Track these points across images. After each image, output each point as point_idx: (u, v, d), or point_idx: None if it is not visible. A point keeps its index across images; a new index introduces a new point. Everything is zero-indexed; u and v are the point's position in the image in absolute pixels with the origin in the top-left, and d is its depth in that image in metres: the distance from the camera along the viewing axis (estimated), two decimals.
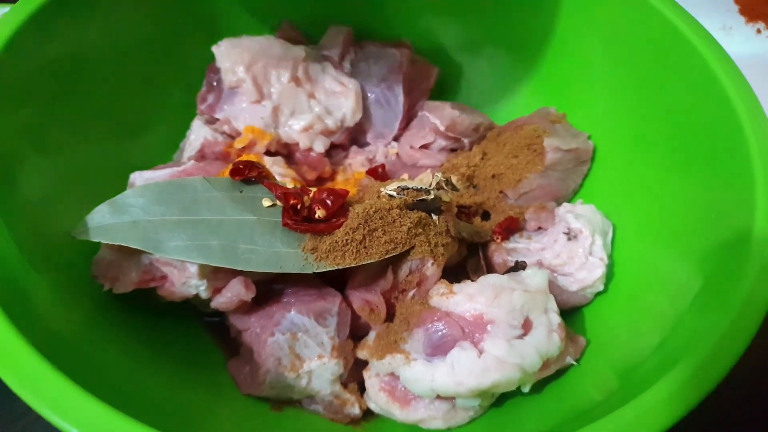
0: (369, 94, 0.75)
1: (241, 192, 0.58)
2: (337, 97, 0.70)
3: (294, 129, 0.68)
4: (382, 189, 0.59)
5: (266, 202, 0.57)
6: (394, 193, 0.58)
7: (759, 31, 1.09)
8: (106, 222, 0.55)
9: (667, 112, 0.65)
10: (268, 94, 0.67)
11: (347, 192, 0.58)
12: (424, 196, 0.59)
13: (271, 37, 0.69)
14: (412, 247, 0.57)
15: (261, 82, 0.66)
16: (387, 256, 0.56)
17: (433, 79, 0.79)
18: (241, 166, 0.58)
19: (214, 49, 0.73)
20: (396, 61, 0.76)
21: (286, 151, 0.69)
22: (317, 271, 0.54)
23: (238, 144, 0.66)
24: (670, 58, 0.64)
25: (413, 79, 0.77)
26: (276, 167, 0.65)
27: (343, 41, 0.74)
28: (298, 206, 0.55)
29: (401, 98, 0.75)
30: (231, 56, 0.67)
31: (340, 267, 0.54)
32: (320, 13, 0.80)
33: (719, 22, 1.09)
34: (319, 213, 0.55)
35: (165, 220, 0.54)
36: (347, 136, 0.74)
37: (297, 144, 0.69)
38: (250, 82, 0.66)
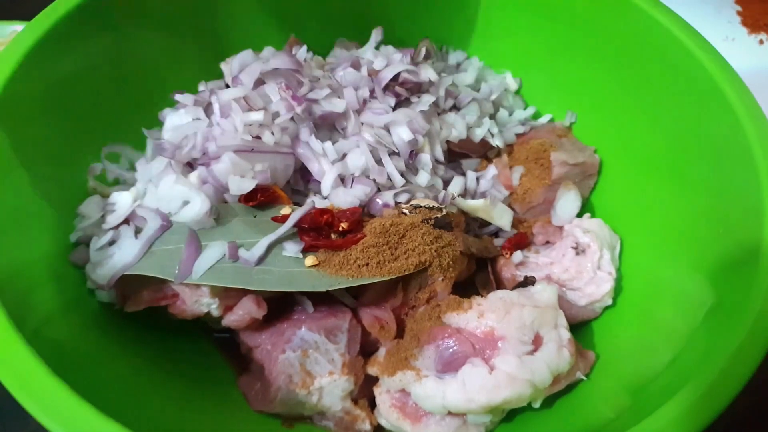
0: None
1: (254, 216, 0.59)
2: None
3: None
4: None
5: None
6: (407, 211, 0.58)
7: (761, 42, 1.09)
8: None
9: (673, 125, 0.66)
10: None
11: (361, 209, 0.58)
12: (436, 214, 0.59)
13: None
14: (425, 265, 0.57)
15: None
16: (403, 274, 0.56)
17: None
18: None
19: (223, 66, 0.73)
20: None
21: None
22: (330, 289, 0.54)
23: None
24: (675, 72, 0.65)
25: None
26: None
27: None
28: (330, 221, 0.56)
29: None
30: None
31: (352, 285, 0.55)
32: (327, 29, 0.81)
33: (722, 33, 1.10)
34: (343, 225, 0.56)
35: (180, 248, 0.55)
36: None
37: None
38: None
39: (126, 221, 0.59)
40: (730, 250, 0.55)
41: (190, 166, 0.62)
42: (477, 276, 0.66)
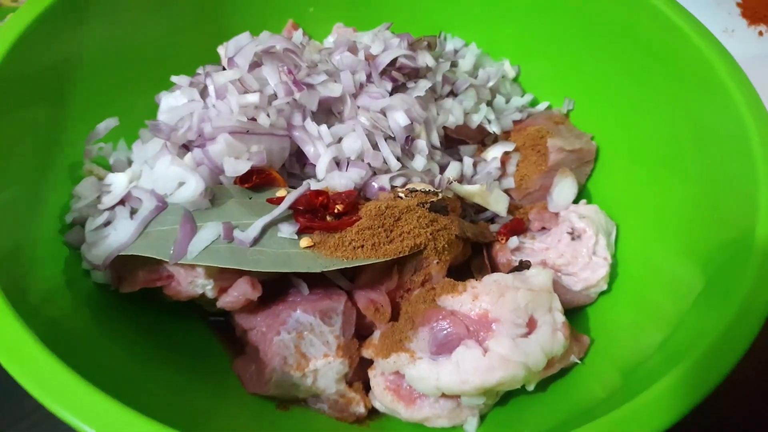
0: None
1: (250, 198, 0.59)
2: None
3: None
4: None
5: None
6: (403, 195, 0.58)
7: (761, 33, 1.09)
8: None
9: (670, 112, 0.66)
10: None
11: (357, 191, 0.58)
12: (432, 198, 0.59)
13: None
14: (420, 248, 0.57)
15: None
16: (397, 257, 0.56)
17: None
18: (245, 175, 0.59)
19: (220, 49, 0.73)
20: None
21: None
22: (324, 270, 0.54)
23: None
24: (674, 59, 0.65)
25: None
26: None
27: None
28: (326, 203, 0.57)
29: None
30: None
31: (346, 266, 0.55)
32: (325, 14, 0.81)
33: (721, 24, 1.10)
34: (339, 207, 0.56)
35: (176, 229, 0.55)
36: None
37: None
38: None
39: (121, 202, 0.59)
40: (724, 236, 0.55)
41: (186, 148, 0.62)
42: (472, 261, 0.66)
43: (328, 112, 0.66)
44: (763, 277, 0.49)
